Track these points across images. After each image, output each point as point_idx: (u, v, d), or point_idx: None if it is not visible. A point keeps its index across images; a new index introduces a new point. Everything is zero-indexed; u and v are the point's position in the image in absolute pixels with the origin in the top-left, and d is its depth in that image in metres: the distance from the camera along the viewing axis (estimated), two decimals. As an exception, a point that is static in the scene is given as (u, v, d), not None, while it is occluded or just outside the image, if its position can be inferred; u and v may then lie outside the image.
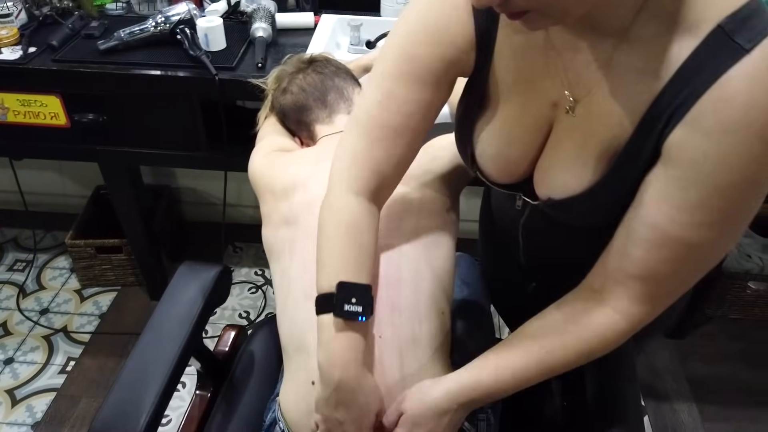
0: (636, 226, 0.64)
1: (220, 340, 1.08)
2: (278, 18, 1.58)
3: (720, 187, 0.57)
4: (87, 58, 1.44)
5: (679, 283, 0.66)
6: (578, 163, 0.68)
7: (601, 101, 0.64)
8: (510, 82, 0.70)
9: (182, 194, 2.29)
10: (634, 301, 0.67)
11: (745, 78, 0.53)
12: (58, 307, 2.00)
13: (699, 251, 0.62)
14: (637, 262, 0.65)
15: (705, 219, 0.59)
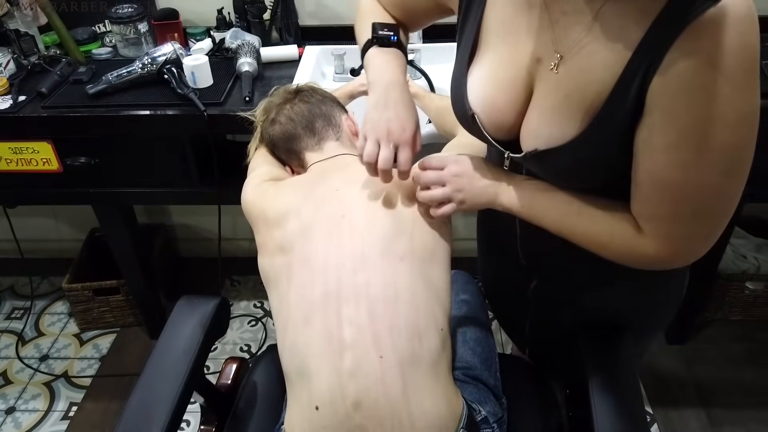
0: (636, 175, 0.70)
1: (222, 373, 1.08)
2: (263, 52, 1.61)
3: (692, 125, 0.62)
4: (76, 103, 1.46)
5: (690, 222, 0.70)
6: (563, 116, 0.72)
7: (585, 58, 0.68)
8: (500, 31, 0.77)
9: (177, 231, 2.29)
10: (654, 237, 0.72)
11: (711, 24, 0.58)
12: (58, 352, 1.99)
13: (691, 189, 0.66)
14: (644, 204, 0.71)
15: (685, 158, 0.64)
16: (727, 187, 0.67)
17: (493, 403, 0.92)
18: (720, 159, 0.64)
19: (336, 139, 1.06)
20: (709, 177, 0.65)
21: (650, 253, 0.73)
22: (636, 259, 0.76)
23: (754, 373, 1.83)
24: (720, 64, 0.59)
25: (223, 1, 1.71)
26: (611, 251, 0.77)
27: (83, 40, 1.72)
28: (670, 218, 0.70)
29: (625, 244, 0.75)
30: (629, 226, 0.74)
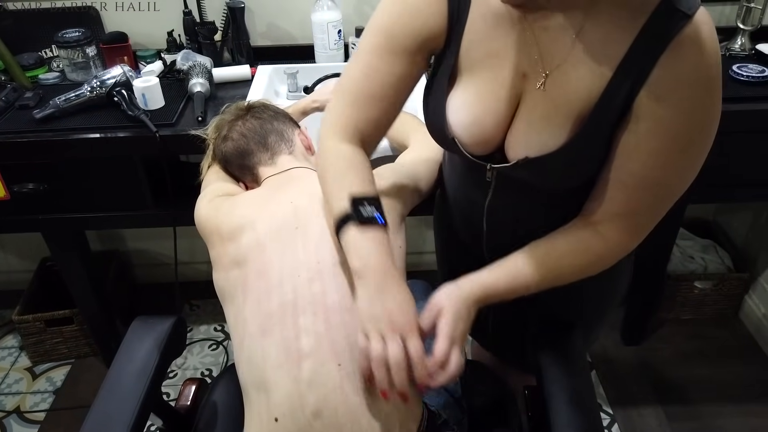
0: (616, 175, 0.75)
1: (181, 395, 1.06)
2: (215, 72, 1.61)
3: (679, 133, 0.69)
4: (23, 128, 1.43)
5: (654, 215, 0.78)
6: (552, 125, 0.76)
7: (570, 71, 0.73)
8: (482, 55, 0.79)
9: (132, 257, 2.25)
10: (624, 232, 0.79)
11: (691, 41, 0.65)
12: (9, 387, 1.91)
13: (668, 187, 0.74)
14: (621, 203, 0.77)
15: (669, 161, 0.71)
16: (689, 181, 0.75)
17: (453, 406, 0.93)
18: (696, 160, 0.72)
19: (289, 153, 1.06)
20: (684, 175, 0.73)
21: (616, 253, 0.81)
22: (610, 260, 0.83)
23: (707, 368, 1.89)
24: (703, 76, 0.66)
25: (173, 23, 1.71)
26: (591, 271, 0.83)
27: (29, 65, 1.69)
28: (647, 210, 0.77)
29: (600, 258, 0.82)
30: (594, 240, 0.81)
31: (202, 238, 0.98)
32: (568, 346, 0.91)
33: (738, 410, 1.76)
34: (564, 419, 0.83)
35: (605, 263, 0.83)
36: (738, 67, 1.49)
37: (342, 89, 0.85)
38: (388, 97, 0.83)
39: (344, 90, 0.85)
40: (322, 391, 0.77)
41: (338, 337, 0.80)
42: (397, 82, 0.82)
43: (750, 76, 1.46)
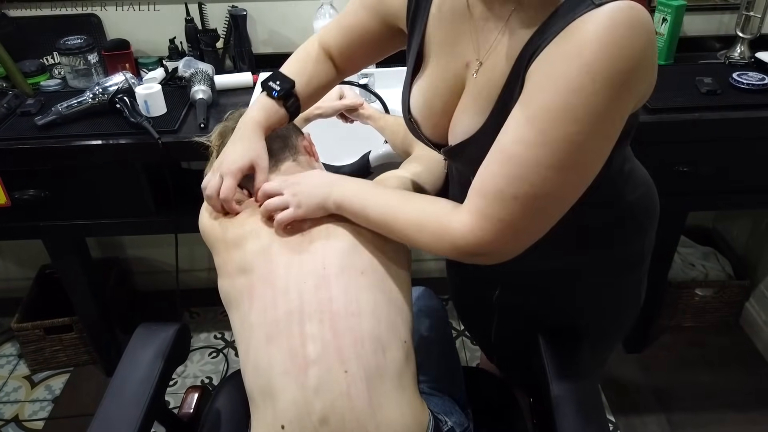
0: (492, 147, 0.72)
1: (184, 402, 1.05)
2: (217, 80, 1.62)
3: (545, 108, 0.64)
4: (25, 135, 1.43)
5: (504, 208, 0.69)
6: (474, 111, 0.77)
7: (494, 58, 0.75)
8: (439, 43, 0.83)
9: (132, 265, 2.24)
10: (469, 213, 0.73)
11: (586, 24, 0.63)
12: (7, 396, 1.90)
13: (519, 170, 0.67)
14: (478, 175, 0.73)
15: (529, 137, 0.66)
16: (554, 182, 0.67)
17: (458, 414, 0.93)
18: (557, 150, 0.65)
19: (293, 160, 1.06)
20: (542, 164, 0.66)
21: (461, 232, 0.73)
22: (446, 239, 0.75)
23: (709, 376, 1.89)
24: (586, 57, 0.62)
25: (175, 30, 1.72)
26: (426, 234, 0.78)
27: (31, 72, 1.69)
28: (493, 195, 0.70)
29: (439, 222, 0.76)
30: (448, 205, 0.78)
31: (202, 246, 0.98)
32: (575, 355, 0.91)
33: (740, 417, 1.75)
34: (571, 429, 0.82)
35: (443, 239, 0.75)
36: (738, 75, 1.50)
37: (339, 15, 1.00)
38: (356, 39, 0.96)
39: (347, 10, 0.97)
40: (328, 397, 0.77)
41: (345, 343, 0.79)
42: (364, 33, 0.95)
43: (750, 84, 1.47)
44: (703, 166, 1.48)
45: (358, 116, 1.32)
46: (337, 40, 0.98)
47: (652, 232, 0.95)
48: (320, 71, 1.00)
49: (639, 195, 0.90)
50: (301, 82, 0.97)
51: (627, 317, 1.02)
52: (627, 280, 0.95)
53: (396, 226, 0.82)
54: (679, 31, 1.65)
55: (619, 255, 0.92)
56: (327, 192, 0.87)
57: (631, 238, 0.92)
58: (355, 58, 1.00)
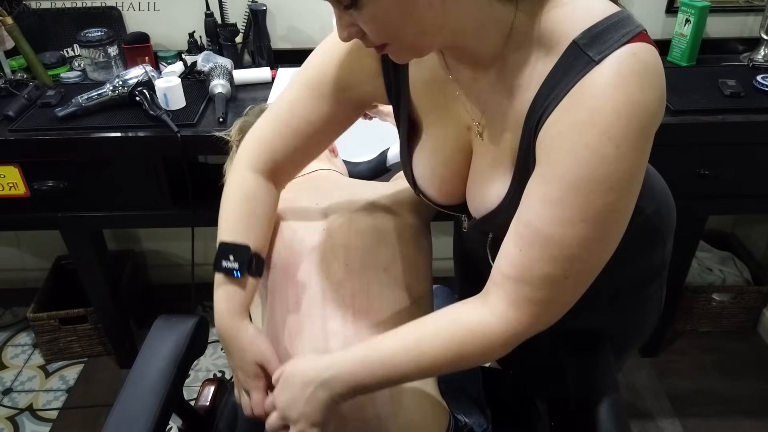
0: (512, 226, 0.66)
1: (200, 395, 1.05)
2: (236, 74, 1.62)
3: (575, 183, 0.60)
4: (45, 126, 1.43)
5: (555, 289, 0.65)
6: (491, 181, 0.73)
7: (497, 121, 0.70)
8: (430, 108, 0.77)
9: (147, 258, 2.25)
10: (510, 305, 0.66)
11: (592, 85, 0.58)
12: (22, 385, 1.91)
13: (567, 251, 0.62)
14: (512, 261, 0.66)
15: (565, 215, 0.61)
16: (599, 252, 0.64)
17: (477, 415, 0.92)
18: (600, 222, 0.61)
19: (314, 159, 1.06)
20: (588, 239, 0.62)
21: (508, 330, 0.67)
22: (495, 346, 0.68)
23: (725, 382, 1.87)
24: (602, 124, 0.57)
25: (195, 24, 1.72)
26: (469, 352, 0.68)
27: (51, 64, 1.70)
28: (543, 280, 0.64)
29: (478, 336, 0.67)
30: (471, 312, 0.69)
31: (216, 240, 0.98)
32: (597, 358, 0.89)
33: (756, 425, 1.73)
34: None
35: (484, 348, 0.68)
36: (762, 78, 1.48)
37: (271, 112, 0.85)
38: (310, 136, 0.82)
39: (273, 114, 0.84)
40: (349, 396, 0.76)
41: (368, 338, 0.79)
42: (321, 124, 0.81)
43: (775, 87, 1.45)
44: (723, 170, 1.46)
45: (378, 113, 1.31)
46: (284, 151, 0.84)
47: (670, 242, 0.93)
48: (268, 206, 0.85)
49: (656, 206, 0.88)
50: (255, 234, 0.82)
51: (646, 326, 1.01)
52: (647, 291, 0.94)
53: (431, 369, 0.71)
54: (702, 32, 1.63)
55: (639, 267, 0.90)
56: (327, 395, 0.71)
57: (652, 251, 0.90)
58: (310, 157, 0.89)
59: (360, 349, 0.72)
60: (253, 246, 0.81)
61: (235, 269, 0.79)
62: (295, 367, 0.73)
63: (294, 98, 0.82)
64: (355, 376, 0.70)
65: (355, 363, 0.71)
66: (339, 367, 0.71)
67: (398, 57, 0.65)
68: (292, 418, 0.72)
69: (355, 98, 0.81)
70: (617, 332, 0.96)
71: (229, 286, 0.80)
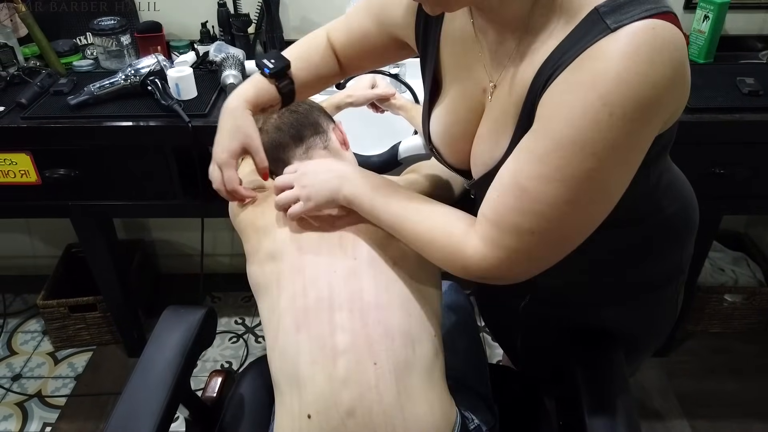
0: (500, 173, 0.68)
1: (207, 386, 1.05)
2: (248, 65, 1.61)
3: (561, 142, 0.60)
4: (57, 114, 1.43)
5: (521, 241, 0.66)
6: (492, 141, 0.74)
7: (508, 82, 0.71)
8: (453, 68, 0.80)
9: (156, 247, 2.26)
10: (482, 241, 0.70)
11: (601, 50, 0.57)
12: (31, 371, 1.93)
13: (537, 206, 0.63)
14: (490, 204, 0.69)
15: (545, 171, 0.62)
16: (573, 218, 0.64)
17: (485, 412, 0.92)
18: (576, 186, 0.61)
19: (324, 148, 1.05)
20: (560, 200, 0.62)
21: (474, 258, 0.71)
22: (461, 262, 0.73)
23: (734, 384, 1.85)
24: (601, 88, 0.57)
25: (207, 14, 1.71)
26: (437, 248, 0.75)
27: (64, 52, 1.70)
28: (509, 228, 0.66)
29: (451, 243, 0.73)
30: (461, 225, 0.74)
31: (225, 231, 0.98)
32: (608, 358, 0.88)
33: (765, 428, 1.72)
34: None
35: (454, 260, 0.73)
36: (781, 76, 1.46)
37: (349, 11, 0.96)
38: (357, 43, 0.93)
39: (355, 9, 0.94)
40: (356, 389, 0.76)
41: (375, 335, 0.78)
42: (364, 38, 0.91)
43: (793, 86, 1.42)
44: (739, 169, 1.43)
45: (390, 106, 1.30)
46: (341, 40, 0.95)
47: (690, 244, 0.92)
48: (323, 63, 0.95)
49: (678, 207, 0.86)
50: (300, 66, 0.92)
51: (662, 329, 0.99)
52: (665, 292, 0.93)
53: (405, 235, 0.79)
54: (721, 29, 1.60)
55: (657, 268, 0.89)
56: (337, 186, 0.84)
57: (669, 252, 0.88)
58: (357, 60, 0.96)
59: (380, 179, 0.85)
60: (294, 72, 0.91)
61: (268, 67, 0.88)
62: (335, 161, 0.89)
63: (361, 7, 0.91)
64: (362, 191, 0.83)
65: (370, 185, 0.83)
66: (359, 177, 0.85)
67: (428, 7, 0.66)
68: (302, 182, 0.86)
69: (393, 34, 0.87)
70: (629, 334, 0.95)
71: (256, 78, 0.90)
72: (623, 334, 0.94)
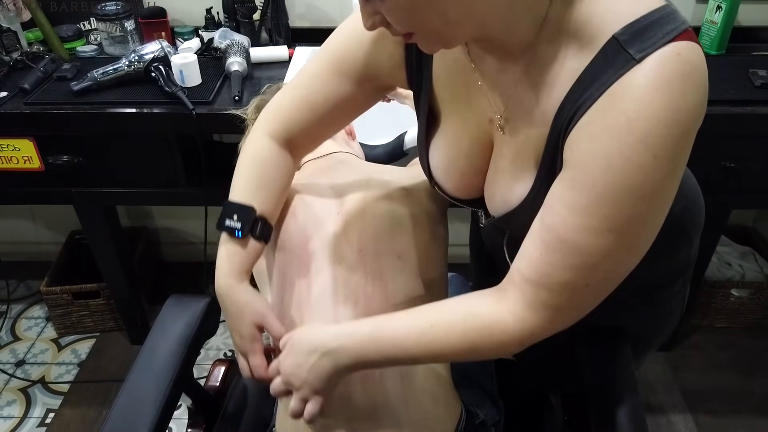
0: (535, 227, 0.64)
1: (210, 375, 1.05)
2: (252, 52, 1.59)
3: (606, 193, 0.56)
4: (60, 100, 1.42)
5: (574, 296, 0.63)
6: (513, 178, 0.69)
7: (522, 117, 0.66)
8: (450, 99, 0.74)
9: (160, 235, 2.25)
10: (528, 307, 0.64)
11: (631, 87, 0.54)
12: (35, 357, 1.93)
13: (591, 260, 0.60)
14: (532, 265, 0.63)
15: (593, 224, 0.58)
16: (623, 261, 0.62)
17: (490, 407, 0.91)
18: (628, 232, 0.59)
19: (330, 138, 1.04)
20: (612, 249, 0.59)
21: (524, 330, 0.65)
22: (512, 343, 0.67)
23: (739, 379, 1.84)
24: (639, 131, 0.53)
25: (212, 0, 1.69)
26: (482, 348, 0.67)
27: (68, 37, 1.69)
28: (564, 287, 0.62)
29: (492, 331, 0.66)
30: (486, 308, 0.67)
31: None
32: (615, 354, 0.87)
33: (770, 424, 1.71)
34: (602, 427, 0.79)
35: (498, 346, 0.67)
36: (795, 69, 1.43)
37: (292, 84, 0.84)
38: (327, 112, 0.81)
39: (293, 86, 0.83)
40: (360, 383, 0.75)
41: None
42: (339, 102, 0.80)
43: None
44: (749, 163, 1.42)
45: (396, 95, 1.29)
46: (300, 123, 0.83)
47: (697, 240, 0.90)
48: (280, 172, 0.84)
49: (685, 204, 0.84)
50: (263, 197, 0.81)
51: (668, 325, 0.98)
52: (671, 289, 0.91)
53: (438, 355, 0.70)
54: (734, 20, 1.58)
55: (663, 266, 0.87)
56: (331, 364, 0.70)
57: (675, 249, 0.87)
58: (325, 133, 0.89)
59: (370, 324, 0.71)
60: (260, 209, 0.80)
61: (237, 229, 0.78)
62: (303, 334, 0.73)
63: (315, 73, 0.80)
64: (361, 350, 0.70)
65: (364, 337, 0.70)
66: (346, 339, 0.70)
67: (425, 47, 0.63)
68: (295, 385, 0.72)
69: (376, 84, 0.79)
70: (636, 330, 0.93)
71: (231, 246, 0.79)
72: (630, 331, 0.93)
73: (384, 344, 0.69)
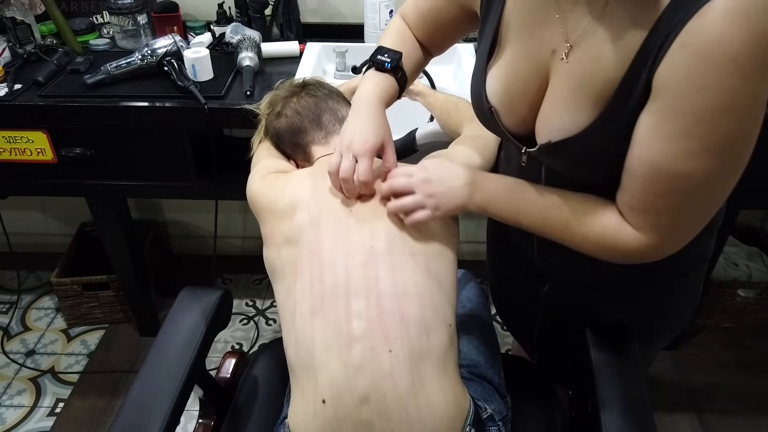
0: (633, 164, 0.68)
1: (221, 367, 1.06)
2: (264, 47, 1.60)
3: (700, 114, 0.60)
4: (74, 93, 1.44)
5: (680, 218, 0.69)
6: (575, 106, 0.72)
7: (595, 46, 0.69)
8: (518, 26, 0.78)
9: (169, 228, 2.27)
10: (639, 230, 0.72)
11: (722, 9, 0.57)
12: (45, 348, 1.95)
13: (692, 182, 0.65)
14: (635, 196, 0.70)
15: (691, 148, 0.62)
16: (723, 181, 0.66)
17: (498, 402, 0.92)
18: (723, 152, 0.62)
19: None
20: (710, 170, 0.64)
21: (634, 246, 0.73)
22: (620, 253, 0.75)
23: (744, 379, 1.84)
24: (732, 51, 0.57)
25: (225, -5, 1.70)
26: (593, 244, 0.77)
27: (81, 30, 1.70)
28: (664, 211, 0.69)
29: (609, 237, 0.74)
30: (613, 218, 0.74)
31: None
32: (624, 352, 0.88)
33: (775, 424, 1.72)
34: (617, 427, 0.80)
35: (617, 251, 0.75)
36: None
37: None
38: (434, 24, 0.94)
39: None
40: (371, 376, 0.76)
41: (390, 323, 0.78)
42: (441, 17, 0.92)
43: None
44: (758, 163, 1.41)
45: (407, 92, 1.29)
46: (415, 25, 0.96)
47: (715, 233, 0.91)
48: (414, 50, 0.96)
49: None
50: (405, 58, 0.93)
51: (682, 318, 0.99)
52: (688, 281, 0.92)
53: (553, 234, 0.80)
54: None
55: (688, 254, 0.88)
56: (468, 194, 0.83)
57: (698, 239, 0.88)
58: (435, 41, 0.98)
59: (508, 180, 0.84)
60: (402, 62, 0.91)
61: (387, 62, 0.89)
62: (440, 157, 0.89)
63: None
64: (494, 194, 0.83)
65: (501, 185, 0.84)
66: (487, 179, 0.84)
67: None
68: (425, 191, 0.83)
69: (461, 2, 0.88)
70: (648, 324, 0.94)
71: (377, 76, 0.90)
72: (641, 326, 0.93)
73: (513, 200, 0.82)
